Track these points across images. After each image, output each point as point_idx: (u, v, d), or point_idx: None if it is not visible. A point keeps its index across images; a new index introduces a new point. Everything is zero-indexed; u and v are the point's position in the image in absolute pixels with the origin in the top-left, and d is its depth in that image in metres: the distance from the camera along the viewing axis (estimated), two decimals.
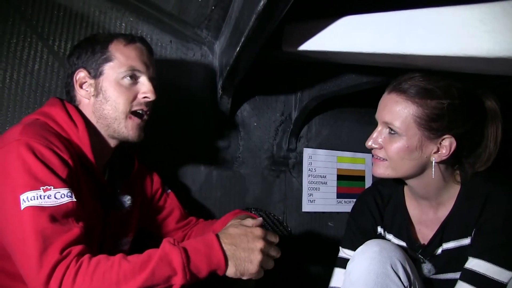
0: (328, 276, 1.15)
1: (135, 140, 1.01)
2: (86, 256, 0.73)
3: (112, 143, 1.02)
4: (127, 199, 1.03)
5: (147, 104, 1.01)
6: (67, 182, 0.81)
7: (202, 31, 1.47)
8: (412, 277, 0.96)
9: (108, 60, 0.98)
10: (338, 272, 1.12)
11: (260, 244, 0.82)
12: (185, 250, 0.76)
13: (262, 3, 0.82)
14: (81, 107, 1.00)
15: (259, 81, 1.61)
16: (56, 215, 0.75)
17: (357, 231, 1.14)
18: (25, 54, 1.20)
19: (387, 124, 0.98)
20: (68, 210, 0.77)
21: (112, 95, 0.97)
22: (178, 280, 0.74)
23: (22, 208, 0.74)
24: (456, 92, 0.94)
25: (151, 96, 1.00)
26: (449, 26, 0.74)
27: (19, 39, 1.20)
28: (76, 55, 1.01)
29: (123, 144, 1.05)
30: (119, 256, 0.75)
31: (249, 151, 1.62)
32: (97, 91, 0.98)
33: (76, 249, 0.74)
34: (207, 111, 1.50)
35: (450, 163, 1.00)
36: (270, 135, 1.69)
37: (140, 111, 1.01)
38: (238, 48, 1.08)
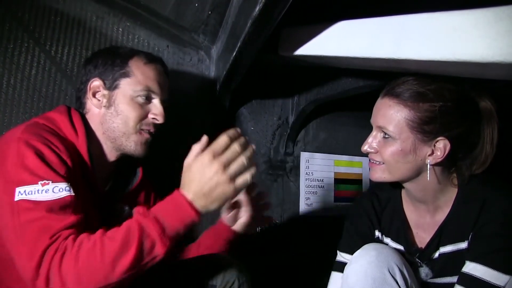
0: (326, 280, 1.14)
1: (140, 155, 1.02)
2: (71, 238, 0.72)
3: (114, 156, 1.03)
4: (125, 209, 1.03)
5: (155, 125, 1.04)
6: (65, 178, 0.81)
7: (199, 36, 1.47)
8: (409, 281, 0.96)
9: (126, 75, 0.99)
10: (335, 276, 1.12)
11: (215, 166, 0.77)
12: (156, 219, 0.75)
13: (258, 8, 0.82)
14: (89, 116, 1.01)
15: (256, 86, 1.61)
16: (53, 208, 0.76)
17: (354, 235, 1.14)
18: (22, 59, 1.21)
19: (381, 129, 0.98)
20: (66, 203, 0.78)
21: (124, 110, 0.98)
22: (159, 249, 0.74)
23: (16, 200, 0.74)
24: (449, 94, 0.94)
25: (160, 119, 1.03)
26: (443, 32, 0.75)
27: (16, 45, 1.20)
28: (94, 63, 1.01)
29: (126, 157, 1.05)
30: (99, 233, 0.74)
31: None
32: (110, 103, 0.99)
33: (65, 233, 0.73)
34: (203, 116, 1.50)
35: (446, 165, 1.00)
36: (267, 139, 1.69)
37: (147, 131, 1.03)
38: (234, 53, 1.09)
